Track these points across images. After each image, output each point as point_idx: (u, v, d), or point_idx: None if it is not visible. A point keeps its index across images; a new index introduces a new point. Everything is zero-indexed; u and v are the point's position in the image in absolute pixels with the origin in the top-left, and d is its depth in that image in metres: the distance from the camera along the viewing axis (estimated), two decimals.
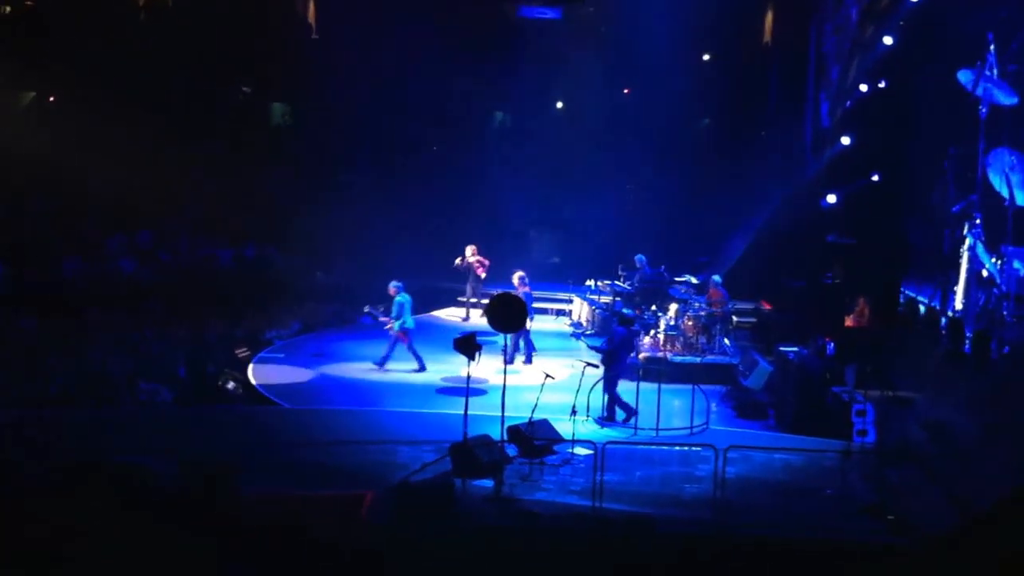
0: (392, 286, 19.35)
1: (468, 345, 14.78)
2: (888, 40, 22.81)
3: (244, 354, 20.35)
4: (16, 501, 12.13)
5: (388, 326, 19.30)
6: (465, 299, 24.35)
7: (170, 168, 26.04)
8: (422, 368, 19.29)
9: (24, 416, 15.85)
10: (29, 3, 27.41)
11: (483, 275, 23.98)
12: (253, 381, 18.68)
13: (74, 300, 22.09)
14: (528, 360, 20.06)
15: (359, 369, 19.73)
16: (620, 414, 16.49)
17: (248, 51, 28.38)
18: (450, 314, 24.79)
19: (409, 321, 19.21)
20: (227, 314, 22.55)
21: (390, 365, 19.39)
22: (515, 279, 20.72)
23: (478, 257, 23.87)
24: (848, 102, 24.06)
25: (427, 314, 23.92)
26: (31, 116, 25.60)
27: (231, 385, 18.83)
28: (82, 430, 15.34)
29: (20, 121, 25.03)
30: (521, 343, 20.09)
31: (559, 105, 30.42)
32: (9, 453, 13.25)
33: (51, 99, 26.53)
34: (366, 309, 20.31)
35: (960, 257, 18.23)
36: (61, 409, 16.76)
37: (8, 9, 26.98)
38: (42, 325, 20.84)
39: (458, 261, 23.89)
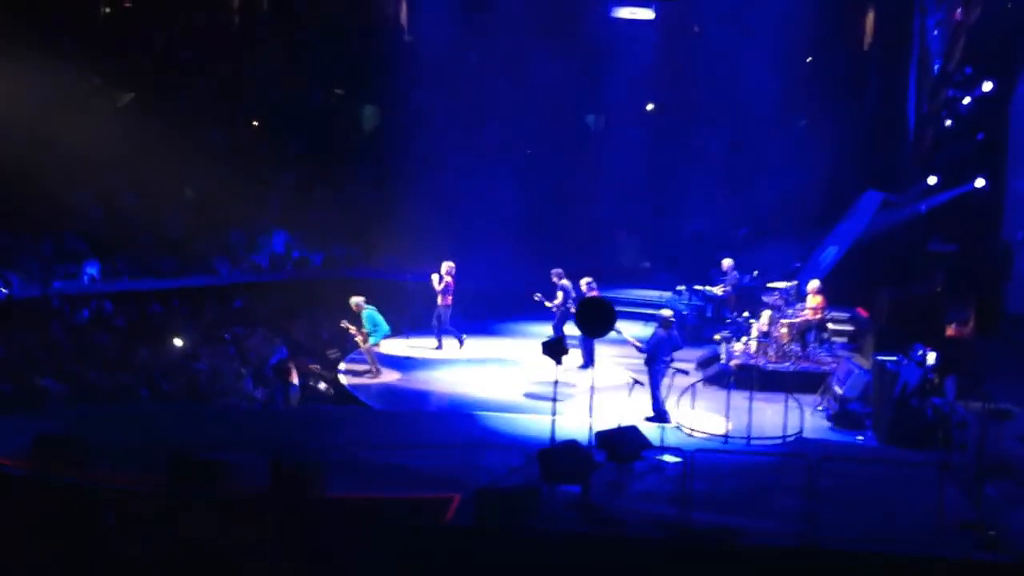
0: (355, 302, 19.11)
1: (556, 349, 14.68)
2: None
3: (335, 355, 20.52)
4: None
5: (361, 340, 19.03)
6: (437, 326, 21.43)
7: (260, 169, 26.42)
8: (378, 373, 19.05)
9: (115, 411, 16.23)
10: (128, 4, 28.02)
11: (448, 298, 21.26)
12: (343, 382, 18.85)
13: (169, 299, 22.53)
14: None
15: (447, 372, 19.76)
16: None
17: (340, 53, 28.65)
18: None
19: (385, 328, 19.15)
20: (317, 316, 22.78)
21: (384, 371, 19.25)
22: (583, 284, 19.87)
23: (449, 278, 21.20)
24: (951, 90, 23.39)
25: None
26: (126, 117, 26.13)
27: (322, 386, 19.03)
28: (174, 427, 15.57)
29: (117, 121, 25.56)
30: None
31: (649, 107, 30.13)
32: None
33: (134, 97, 27.04)
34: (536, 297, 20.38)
35: None
36: (152, 405, 17.08)
37: (107, 10, 27.61)
38: (135, 323, 21.29)
39: (442, 283, 21.16)
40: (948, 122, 23.51)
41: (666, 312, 17.14)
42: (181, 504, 12.13)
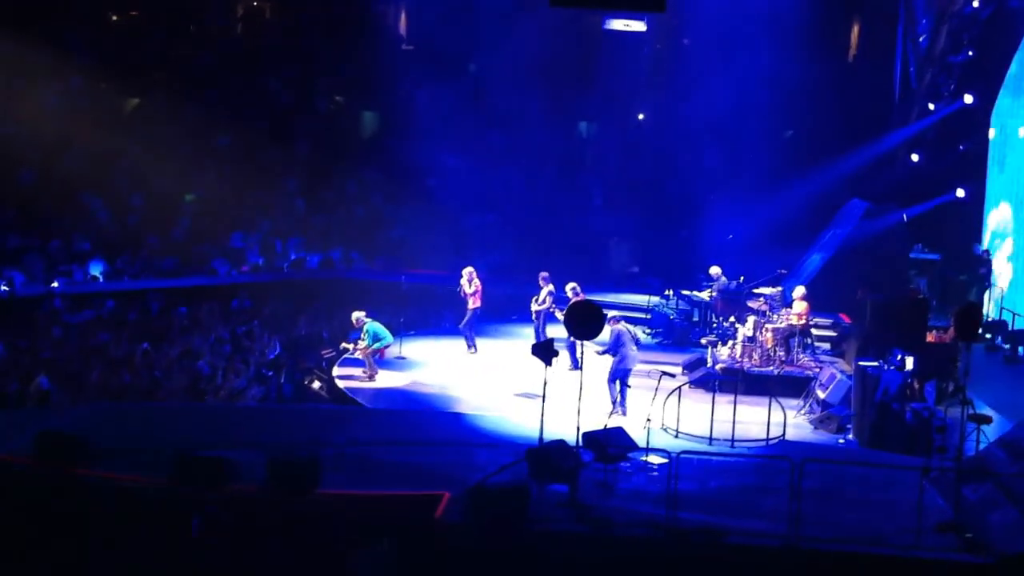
0: (357, 317, 19.27)
1: (545, 351, 14.93)
2: (976, 3, 22.48)
3: (329, 355, 20.80)
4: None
5: (360, 353, 19.26)
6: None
7: (262, 173, 26.67)
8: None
9: (118, 408, 16.47)
10: (134, 13, 28.33)
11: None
12: (338, 382, 19.13)
13: (169, 299, 22.77)
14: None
15: (438, 372, 20.06)
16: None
17: (341, 60, 28.94)
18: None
19: (389, 338, 19.39)
20: (314, 316, 23.04)
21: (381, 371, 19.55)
22: (568, 290, 19.94)
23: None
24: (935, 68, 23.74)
25: None
26: (133, 122, 26.39)
27: (316, 385, 19.30)
28: (173, 424, 15.82)
29: (126, 126, 25.84)
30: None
31: (640, 116, 30.51)
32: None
33: (144, 103, 27.29)
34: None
35: None
36: (153, 403, 17.32)
37: (115, 17, 27.89)
38: (136, 322, 21.52)
39: (472, 286, 21.15)
40: (930, 132, 23.91)
41: (611, 312, 17.56)
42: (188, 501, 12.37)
